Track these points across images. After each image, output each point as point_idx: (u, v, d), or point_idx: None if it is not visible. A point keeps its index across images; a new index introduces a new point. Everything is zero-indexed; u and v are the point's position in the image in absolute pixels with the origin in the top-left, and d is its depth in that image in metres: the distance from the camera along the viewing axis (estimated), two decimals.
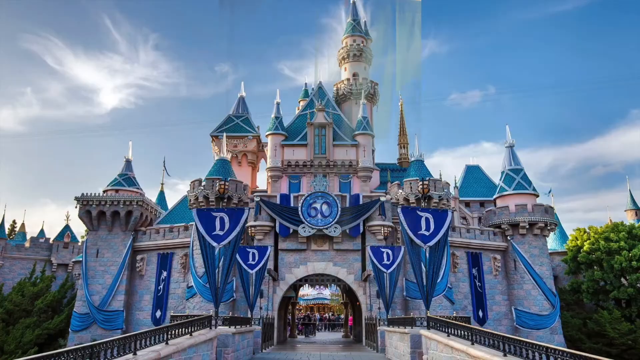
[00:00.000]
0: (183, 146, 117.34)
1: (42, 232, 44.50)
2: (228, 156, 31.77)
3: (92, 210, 31.08)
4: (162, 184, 44.86)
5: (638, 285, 31.34)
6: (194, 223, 28.09)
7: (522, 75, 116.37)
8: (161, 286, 30.01)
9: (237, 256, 22.60)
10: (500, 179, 34.16)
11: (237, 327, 18.13)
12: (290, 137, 32.17)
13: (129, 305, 30.42)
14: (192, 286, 27.48)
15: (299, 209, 27.48)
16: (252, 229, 27.98)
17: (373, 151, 35.37)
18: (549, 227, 31.70)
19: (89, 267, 30.56)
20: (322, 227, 27.29)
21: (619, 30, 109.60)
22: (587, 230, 35.89)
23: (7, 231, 45.83)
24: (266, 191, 31.93)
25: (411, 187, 29.27)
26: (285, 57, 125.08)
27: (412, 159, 32.08)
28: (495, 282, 30.96)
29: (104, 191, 32.60)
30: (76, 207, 31.42)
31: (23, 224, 45.84)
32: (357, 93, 37.38)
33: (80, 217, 31.44)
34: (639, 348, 29.29)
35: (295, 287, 32.28)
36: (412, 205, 27.70)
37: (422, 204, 28.01)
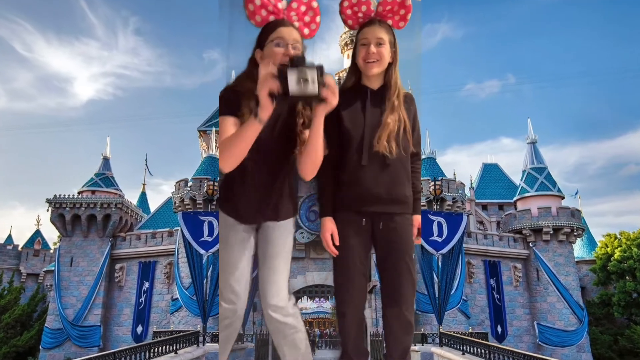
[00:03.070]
0: (167, 142, 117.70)
1: (9, 238, 44.49)
2: (217, 153, 31.79)
3: (65, 213, 31.09)
4: (144, 184, 44.92)
5: None
6: (179, 228, 28.19)
7: (545, 63, 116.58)
8: (143, 298, 30.06)
9: None
10: (521, 179, 34.17)
11: None
12: None
13: (107, 319, 30.44)
14: (177, 298, 27.53)
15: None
16: None
17: None
18: (575, 233, 31.73)
19: (62, 278, 30.58)
20: None
21: None
22: (619, 236, 35.92)
23: None
24: None
25: (422, 188, 29.32)
26: None
27: (423, 157, 32.13)
28: (515, 294, 30.98)
29: (78, 192, 32.62)
30: (48, 211, 31.43)
31: None
32: None
33: (52, 221, 31.46)
34: None
35: None
36: (422, 208, 27.73)
37: (434, 207, 28.03)
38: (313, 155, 2.34)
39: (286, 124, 2.42)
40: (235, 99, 2.32)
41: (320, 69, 2.07)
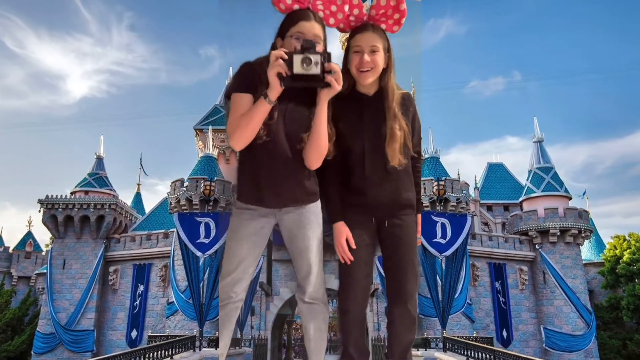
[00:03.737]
0: (162, 141, 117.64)
1: (0, 239, 44.56)
2: (214, 152, 31.83)
3: (58, 214, 31.09)
4: (139, 184, 44.90)
5: None
6: (175, 229, 28.23)
7: (551, 60, 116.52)
8: (137, 302, 30.07)
9: None
10: (527, 179, 34.18)
11: None
12: None
13: (101, 324, 30.45)
14: (172, 302, 27.53)
15: None
16: None
17: None
18: (583, 235, 31.74)
19: (54, 280, 30.59)
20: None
21: None
22: (627, 237, 35.95)
23: None
24: None
25: (425, 189, 29.32)
26: None
27: (426, 156, 32.11)
28: (521, 298, 30.99)
29: (71, 193, 32.63)
30: (40, 211, 31.45)
31: None
32: None
33: (44, 222, 31.47)
34: None
35: (292, 303, 32.34)
36: (426, 209, 27.73)
37: (438, 208, 28.03)
38: (317, 141, 2.38)
39: (298, 111, 2.43)
40: (253, 78, 2.37)
41: (325, 54, 2.20)
